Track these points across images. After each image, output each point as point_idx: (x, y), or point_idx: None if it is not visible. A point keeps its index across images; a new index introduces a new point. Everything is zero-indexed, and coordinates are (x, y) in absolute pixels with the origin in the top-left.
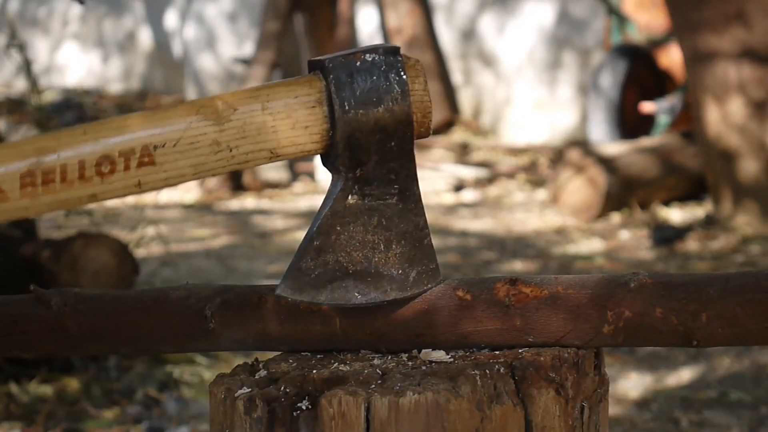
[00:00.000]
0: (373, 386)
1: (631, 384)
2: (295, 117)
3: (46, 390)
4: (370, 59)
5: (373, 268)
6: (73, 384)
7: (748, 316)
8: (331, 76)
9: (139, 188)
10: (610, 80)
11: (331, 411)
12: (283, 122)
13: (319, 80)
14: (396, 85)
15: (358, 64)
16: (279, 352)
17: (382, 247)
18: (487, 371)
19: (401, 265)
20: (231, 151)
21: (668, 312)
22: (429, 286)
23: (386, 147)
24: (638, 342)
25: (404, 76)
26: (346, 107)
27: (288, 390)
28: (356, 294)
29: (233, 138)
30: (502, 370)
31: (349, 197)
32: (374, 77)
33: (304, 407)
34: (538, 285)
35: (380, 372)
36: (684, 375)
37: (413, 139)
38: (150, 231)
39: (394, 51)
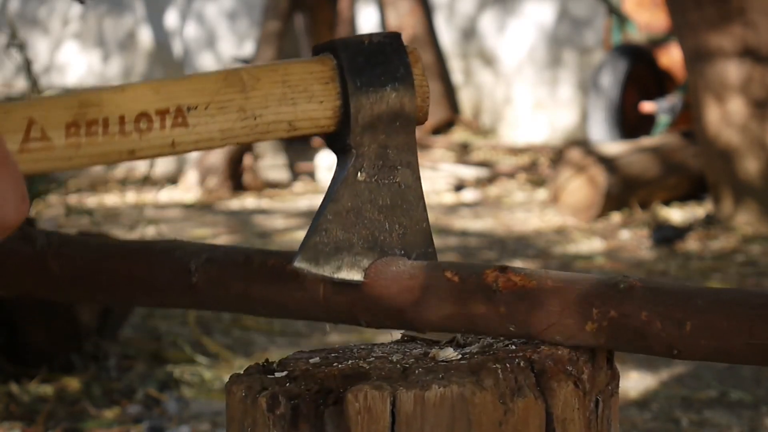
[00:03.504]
0: (397, 381)
1: (631, 384)
2: (311, 91)
3: (47, 390)
4: (376, 41)
5: (377, 246)
6: (73, 384)
7: (734, 330)
8: (343, 55)
9: (173, 148)
10: (610, 80)
11: (357, 405)
12: (300, 95)
13: (330, 59)
14: (401, 67)
15: (366, 45)
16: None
17: (387, 226)
18: (508, 365)
19: (403, 246)
20: (255, 119)
21: (654, 316)
22: None
23: (393, 126)
24: (619, 344)
25: (407, 60)
26: (358, 84)
27: (310, 387)
28: (363, 271)
29: (257, 106)
30: (522, 364)
31: (359, 174)
32: (381, 58)
33: (329, 402)
34: (528, 275)
35: (401, 368)
36: (684, 375)
37: (416, 121)
38: (150, 230)
39: (397, 36)
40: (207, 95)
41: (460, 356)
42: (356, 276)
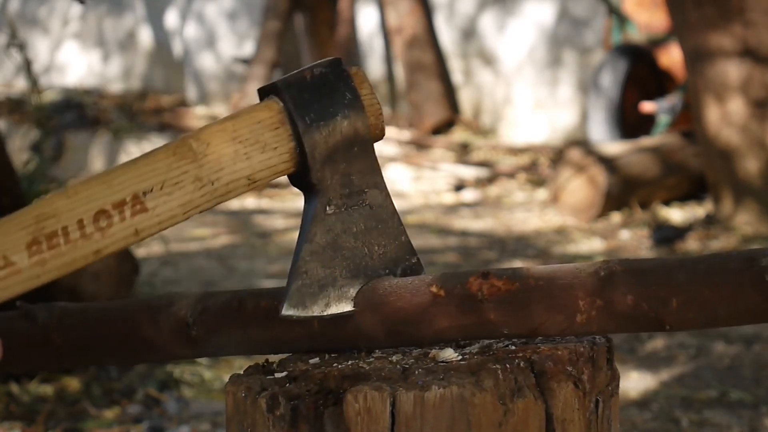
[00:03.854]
0: (397, 382)
1: (631, 384)
2: (263, 140)
3: (47, 390)
4: (318, 73)
5: (362, 273)
6: (73, 384)
7: (717, 299)
8: (287, 96)
9: (137, 236)
10: (610, 80)
11: (356, 406)
12: (253, 147)
13: (276, 103)
14: (347, 93)
15: (309, 79)
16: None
17: (366, 251)
18: (508, 365)
19: (387, 265)
20: (213, 184)
21: (639, 299)
22: None
23: (351, 152)
24: (611, 329)
25: (352, 84)
26: (307, 121)
27: (310, 387)
28: (351, 300)
29: (212, 171)
30: (521, 365)
31: (327, 208)
32: (325, 89)
33: (329, 403)
34: (510, 278)
35: (401, 368)
36: (684, 375)
37: (372, 141)
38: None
39: (337, 62)
40: (159, 175)
41: (459, 357)
42: (346, 307)
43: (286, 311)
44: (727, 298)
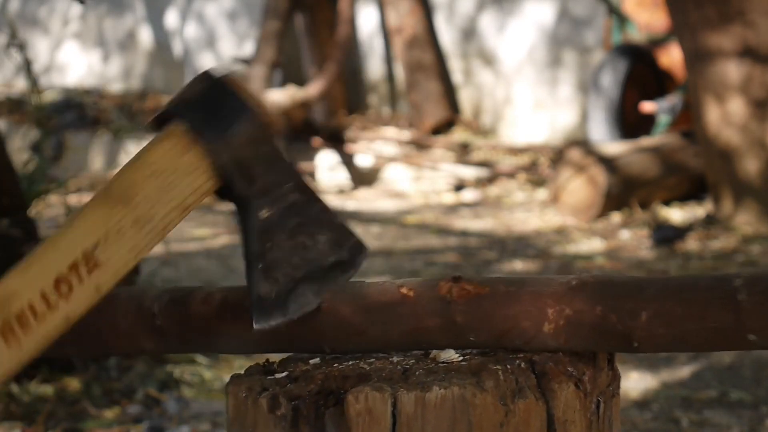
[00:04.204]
0: (398, 382)
1: (631, 384)
2: (179, 166)
3: (47, 390)
4: (198, 89)
5: (314, 265)
6: (73, 384)
7: (687, 315)
8: (184, 119)
9: (98, 293)
10: (610, 80)
11: (357, 407)
12: (174, 176)
13: (175, 127)
14: (233, 101)
15: (194, 98)
16: (278, 353)
17: (310, 242)
18: (509, 366)
19: (333, 250)
20: (151, 221)
21: (608, 310)
22: (364, 256)
23: (259, 156)
24: (579, 343)
25: (233, 91)
26: (209, 138)
27: (311, 388)
28: (312, 295)
29: (146, 210)
30: (522, 365)
31: (261, 212)
32: (214, 103)
33: (330, 404)
34: (481, 282)
35: (401, 369)
36: (684, 375)
37: (272, 138)
38: None
39: (208, 76)
40: (100, 227)
41: (460, 357)
42: (313, 305)
43: (258, 326)
44: (697, 315)
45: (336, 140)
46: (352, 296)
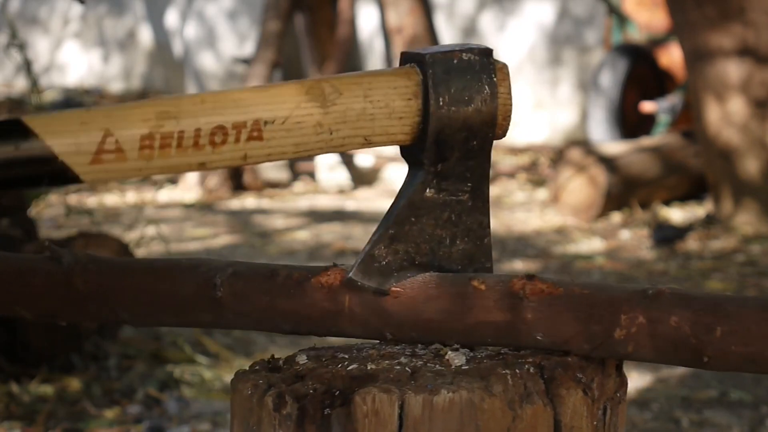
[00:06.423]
0: (406, 384)
1: (631, 384)
2: (392, 107)
3: (47, 390)
4: (466, 58)
5: (436, 262)
6: (73, 384)
7: (762, 336)
8: (430, 71)
9: (245, 161)
10: (610, 79)
11: (364, 408)
12: (380, 111)
13: (416, 73)
14: (487, 87)
15: (455, 62)
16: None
17: (448, 241)
18: (517, 371)
19: (461, 261)
20: (331, 134)
21: (683, 321)
22: None
23: (469, 145)
24: (647, 354)
25: (495, 78)
26: (441, 103)
27: (317, 387)
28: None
29: (335, 122)
30: (531, 370)
31: (427, 190)
32: (468, 77)
33: (336, 404)
34: (555, 283)
35: (409, 370)
36: (684, 375)
37: (493, 139)
38: (150, 230)
39: (488, 53)
40: (286, 109)
41: (469, 361)
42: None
43: (354, 275)
44: None
45: None
46: (422, 283)
